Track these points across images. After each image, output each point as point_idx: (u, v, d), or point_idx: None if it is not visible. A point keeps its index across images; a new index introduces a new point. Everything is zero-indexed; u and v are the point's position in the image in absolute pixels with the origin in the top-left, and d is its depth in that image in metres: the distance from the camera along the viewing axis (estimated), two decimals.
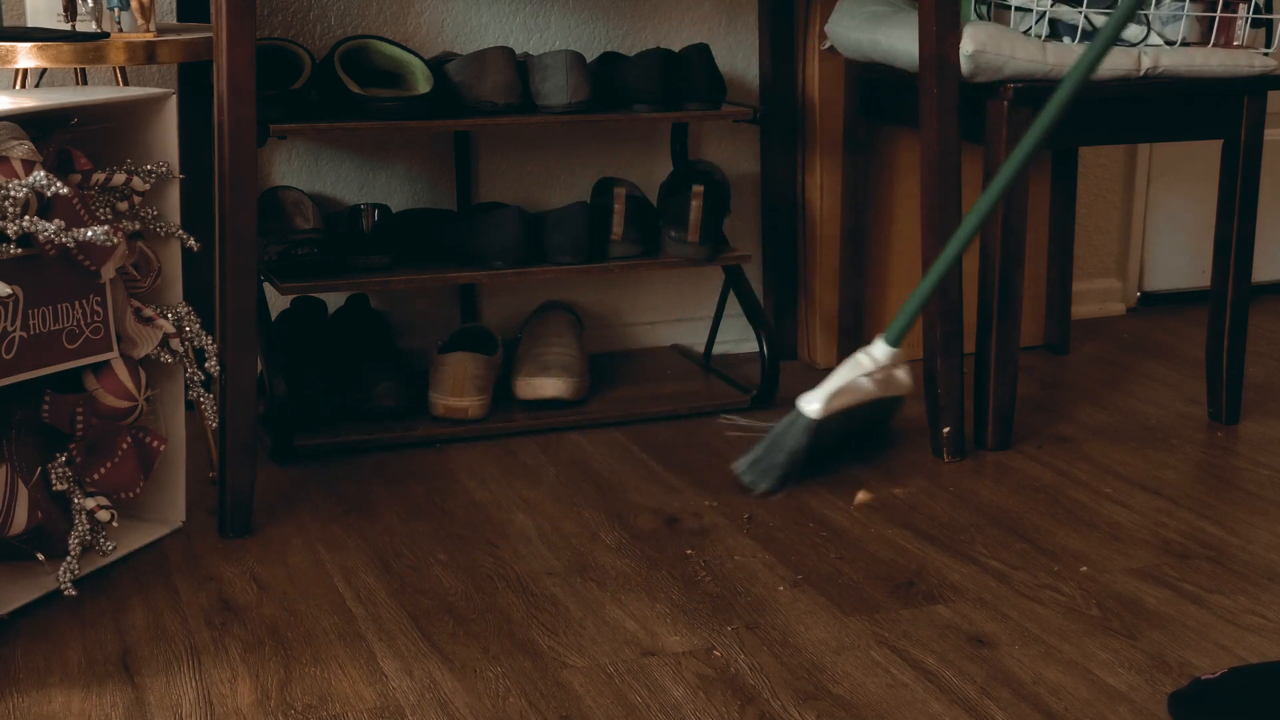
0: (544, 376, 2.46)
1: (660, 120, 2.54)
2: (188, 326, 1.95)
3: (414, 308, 2.71)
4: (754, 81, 2.81)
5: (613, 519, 2.09)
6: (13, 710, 1.58)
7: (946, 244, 2.20)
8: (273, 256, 2.31)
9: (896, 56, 2.38)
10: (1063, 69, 2.27)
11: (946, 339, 2.30)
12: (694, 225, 2.45)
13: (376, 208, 2.37)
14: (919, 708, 1.59)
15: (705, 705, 1.59)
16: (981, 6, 2.39)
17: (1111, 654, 1.71)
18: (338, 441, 2.32)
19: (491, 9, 2.66)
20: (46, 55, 2.03)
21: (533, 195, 2.75)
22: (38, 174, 1.67)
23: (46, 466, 1.78)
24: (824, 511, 2.12)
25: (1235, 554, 1.98)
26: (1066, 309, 2.91)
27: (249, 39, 1.93)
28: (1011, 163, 2.13)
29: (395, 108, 2.28)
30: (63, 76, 2.40)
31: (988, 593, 1.86)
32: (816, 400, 2.20)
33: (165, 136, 1.94)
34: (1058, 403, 2.61)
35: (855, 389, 2.24)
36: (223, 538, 2.01)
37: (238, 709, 1.58)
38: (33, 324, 1.73)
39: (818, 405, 2.19)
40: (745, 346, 2.85)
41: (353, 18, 2.58)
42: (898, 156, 2.76)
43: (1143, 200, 3.20)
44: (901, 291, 2.81)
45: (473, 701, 1.60)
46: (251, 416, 2.01)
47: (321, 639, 1.74)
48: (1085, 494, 2.19)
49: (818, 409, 2.19)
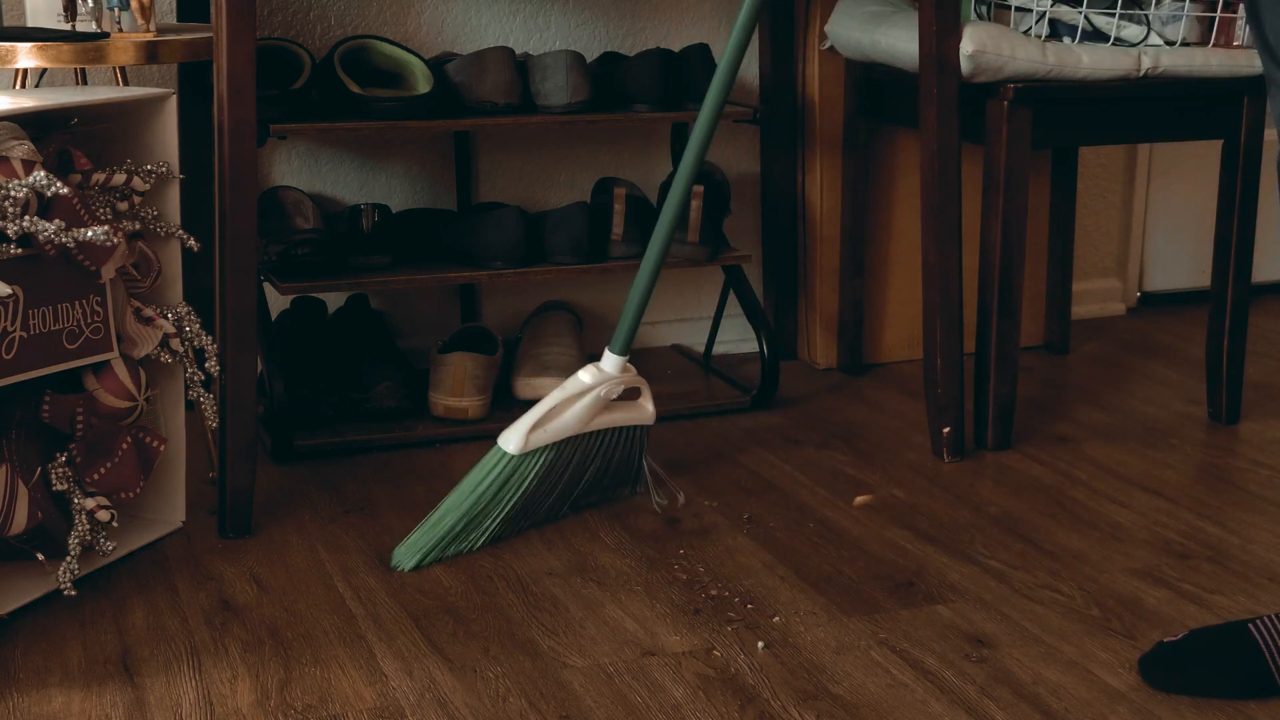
0: (544, 376, 2.46)
1: (660, 120, 2.54)
2: (188, 326, 1.95)
3: (414, 308, 2.71)
4: (754, 81, 2.81)
5: (613, 519, 2.09)
6: (13, 710, 1.58)
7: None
8: (273, 256, 2.31)
9: (896, 56, 2.38)
10: (1063, 69, 2.27)
11: (946, 339, 2.30)
12: (694, 225, 2.45)
13: (376, 208, 2.37)
14: (919, 708, 1.59)
15: (705, 705, 1.59)
16: (981, 6, 2.39)
17: (1111, 654, 1.71)
18: (338, 441, 2.32)
19: (491, 9, 2.66)
20: (46, 55, 2.03)
21: (533, 195, 2.75)
22: (38, 174, 1.67)
23: (46, 466, 1.78)
24: (824, 511, 2.12)
25: (1235, 554, 1.98)
26: (1066, 309, 2.91)
27: (249, 39, 1.93)
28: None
29: (395, 108, 2.28)
30: (63, 76, 2.40)
31: (988, 593, 1.86)
32: (516, 433, 1.92)
33: (165, 136, 1.94)
34: (1058, 403, 2.61)
35: (574, 417, 1.97)
36: (223, 538, 2.01)
37: (238, 709, 1.58)
38: (33, 324, 1.73)
39: (517, 438, 1.92)
40: (745, 346, 2.85)
41: (353, 18, 2.58)
42: (898, 156, 2.76)
43: (1143, 200, 3.20)
44: (901, 291, 2.81)
45: (473, 701, 1.60)
46: (251, 416, 2.01)
47: (321, 639, 1.74)
48: (1085, 494, 2.19)
49: (517, 443, 1.92)
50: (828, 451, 2.36)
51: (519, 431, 1.94)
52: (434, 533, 1.93)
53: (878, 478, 2.25)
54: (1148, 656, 1.65)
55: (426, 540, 1.92)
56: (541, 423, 1.95)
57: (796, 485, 2.21)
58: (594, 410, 2.00)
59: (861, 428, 2.48)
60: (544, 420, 1.95)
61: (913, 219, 2.77)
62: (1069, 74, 2.28)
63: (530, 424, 1.94)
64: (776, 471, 2.27)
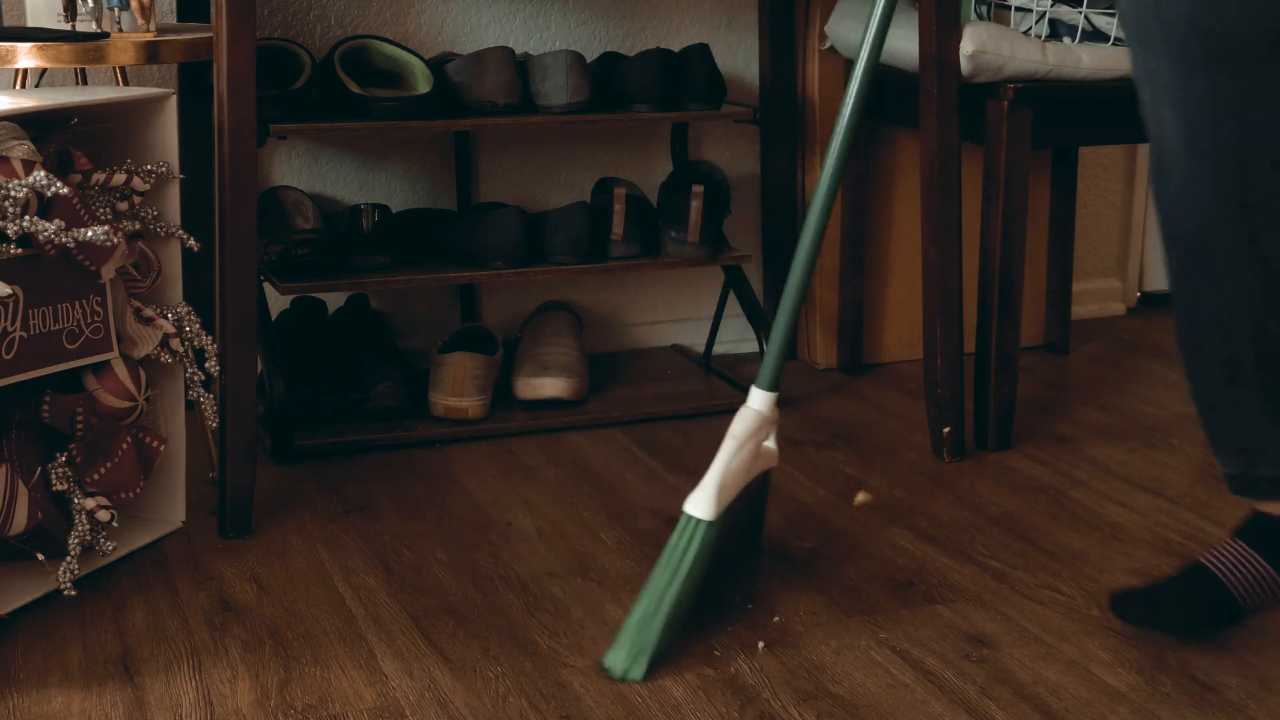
0: (544, 376, 2.46)
1: (660, 120, 2.54)
2: (188, 326, 1.95)
3: (414, 308, 2.71)
4: (754, 81, 2.81)
5: (613, 519, 2.09)
6: (13, 710, 1.58)
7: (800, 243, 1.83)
8: (273, 256, 2.31)
9: (896, 56, 2.38)
10: (1063, 69, 2.27)
11: (946, 339, 2.30)
12: (694, 225, 2.45)
13: (376, 208, 2.37)
14: (919, 708, 1.59)
15: (705, 705, 1.59)
16: (981, 6, 2.39)
17: (1111, 654, 1.71)
18: (338, 441, 2.32)
19: (491, 9, 2.66)
20: (46, 55, 2.03)
21: (533, 195, 2.75)
22: (38, 174, 1.67)
23: (46, 466, 1.78)
24: (824, 512, 2.12)
25: None
26: (1066, 309, 2.91)
27: (249, 39, 1.93)
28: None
29: (395, 108, 2.28)
30: (63, 76, 2.40)
31: (988, 593, 1.86)
32: (706, 498, 1.70)
33: (165, 136, 1.94)
34: (1058, 403, 2.61)
35: (741, 468, 1.75)
36: (223, 538, 2.01)
37: (238, 709, 1.58)
38: (33, 324, 1.73)
39: (709, 503, 1.69)
40: (745, 346, 2.85)
41: (353, 18, 2.58)
42: (898, 156, 2.76)
43: (1143, 200, 3.20)
44: (901, 291, 2.81)
45: (473, 701, 1.60)
46: (251, 416, 2.01)
47: (321, 639, 1.74)
48: (1085, 494, 2.19)
49: (711, 508, 1.69)
50: (828, 451, 2.36)
51: (708, 495, 1.70)
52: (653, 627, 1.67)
53: (878, 478, 2.25)
54: (1117, 597, 1.74)
55: (644, 638, 1.66)
56: (725, 481, 1.73)
57: (796, 485, 2.21)
58: (754, 458, 1.79)
59: (861, 428, 2.48)
60: (725, 478, 1.73)
61: (913, 219, 2.77)
62: (1069, 74, 2.28)
63: (717, 485, 1.71)
64: (776, 471, 2.27)
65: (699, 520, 1.68)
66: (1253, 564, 1.67)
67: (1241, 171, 1.51)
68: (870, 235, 2.76)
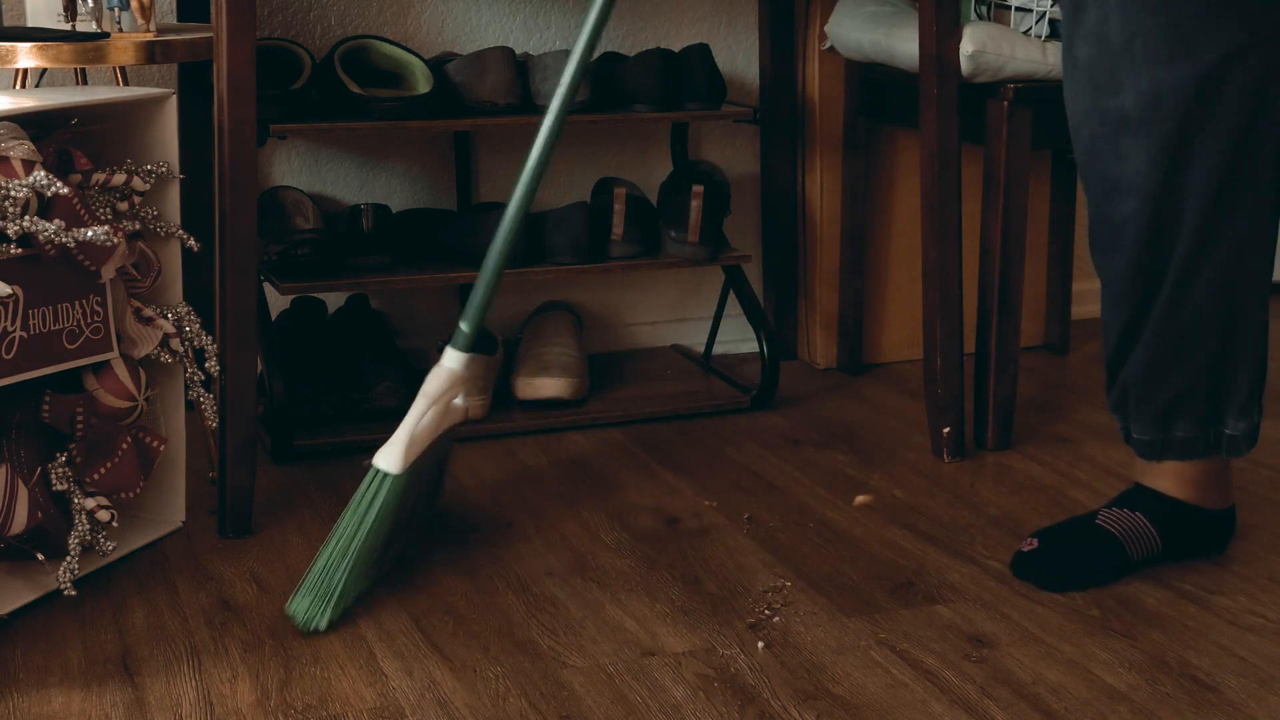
0: (544, 376, 2.46)
1: (660, 120, 2.54)
2: (188, 326, 1.95)
3: (414, 308, 2.71)
4: (754, 81, 2.81)
5: (612, 519, 2.09)
6: (13, 710, 1.58)
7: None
8: (273, 256, 2.31)
9: (896, 56, 2.38)
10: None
11: (946, 339, 2.30)
12: (694, 225, 2.45)
13: (376, 208, 2.37)
14: (919, 708, 1.59)
15: (705, 705, 1.59)
16: (981, 6, 2.39)
17: (1111, 654, 1.71)
18: (338, 441, 2.32)
19: (491, 9, 2.66)
20: (46, 55, 2.03)
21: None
22: (38, 174, 1.67)
23: (46, 466, 1.78)
24: (824, 511, 2.12)
25: (1235, 554, 1.98)
26: (1066, 309, 2.91)
27: (249, 39, 1.93)
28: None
29: (395, 108, 2.28)
30: (63, 76, 2.40)
31: (988, 593, 1.86)
32: (393, 453, 1.77)
33: (165, 136, 1.94)
34: (1058, 403, 2.61)
35: (430, 425, 1.82)
36: (223, 538, 2.01)
37: (238, 709, 1.58)
38: (33, 324, 1.73)
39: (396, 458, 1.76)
40: (745, 346, 2.85)
41: (353, 18, 2.58)
42: (898, 156, 2.76)
43: None
44: (901, 291, 2.81)
45: (473, 701, 1.60)
46: (251, 416, 2.01)
47: (321, 639, 1.74)
48: (1085, 494, 2.19)
49: (398, 462, 1.76)
50: (828, 451, 2.36)
51: (395, 450, 1.78)
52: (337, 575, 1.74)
53: (878, 478, 2.25)
54: (1017, 564, 1.89)
55: (327, 586, 1.74)
56: (413, 438, 1.80)
57: (796, 485, 2.21)
58: (443, 415, 1.86)
59: (861, 428, 2.48)
60: (415, 433, 1.80)
61: (913, 219, 2.77)
62: None
63: (405, 441, 1.78)
64: (776, 471, 2.27)
65: (385, 473, 1.76)
66: (1138, 524, 1.91)
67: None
68: (870, 235, 2.76)
